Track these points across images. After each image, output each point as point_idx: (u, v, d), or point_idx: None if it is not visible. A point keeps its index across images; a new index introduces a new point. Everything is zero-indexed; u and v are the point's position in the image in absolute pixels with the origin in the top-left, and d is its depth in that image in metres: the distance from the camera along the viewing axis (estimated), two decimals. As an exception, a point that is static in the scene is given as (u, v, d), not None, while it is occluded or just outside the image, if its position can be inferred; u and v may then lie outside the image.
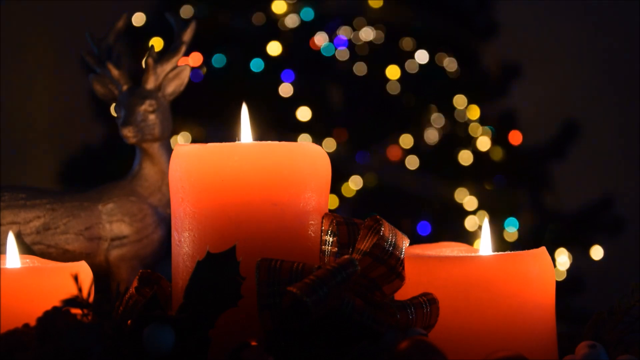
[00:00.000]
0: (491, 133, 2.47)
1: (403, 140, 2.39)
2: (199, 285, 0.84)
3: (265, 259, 0.85)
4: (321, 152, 0.95)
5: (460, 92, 2.43)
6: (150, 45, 1.15)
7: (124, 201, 1.14)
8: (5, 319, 0.86)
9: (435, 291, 0.89)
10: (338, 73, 2.39)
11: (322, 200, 0.94)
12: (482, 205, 2.38)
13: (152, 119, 1.14)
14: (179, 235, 0.93)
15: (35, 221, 1.10)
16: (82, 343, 0.78)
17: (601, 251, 2.49)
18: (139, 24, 2.38)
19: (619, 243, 2.58)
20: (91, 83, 1.17)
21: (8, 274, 0.88)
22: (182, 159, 0.93)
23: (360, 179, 2.34)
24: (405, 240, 0.91)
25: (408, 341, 0.80)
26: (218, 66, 2.32)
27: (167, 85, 1.15)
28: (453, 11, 2.52)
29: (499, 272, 0.89)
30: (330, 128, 2.34)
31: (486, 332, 0.88)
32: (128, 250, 1.13)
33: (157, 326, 0.82)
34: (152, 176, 1.16)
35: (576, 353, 0.89)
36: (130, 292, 0.90)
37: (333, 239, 0.92)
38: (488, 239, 0.96)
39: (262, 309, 0.84)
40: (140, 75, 1.15)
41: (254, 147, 0.93)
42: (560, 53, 3.13)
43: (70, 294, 0.80)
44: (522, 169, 2.51)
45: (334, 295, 0.82)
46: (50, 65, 2.97)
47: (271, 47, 2.32)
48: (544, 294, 0.91)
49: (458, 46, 2.49)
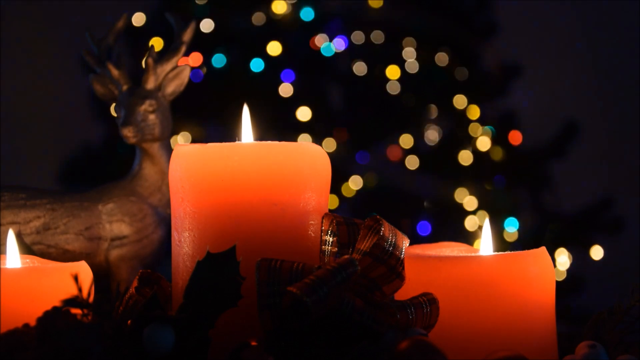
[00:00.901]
0: (491, 133, 2.47)
1: (403, 140, 2.39)
2: (199, 285, 0.84)
3: (265, 259, 0.85)
4: (321, 152, 0.95)
5: (460, 92, 2.43)
6: (150, 45, 1.15)
7: (124, 201, 1.14)
8: (5, 319, 0.86)
9: (435, 291, 0.89)
10: (338, 73, 2.39)
11: (322, 200, 0.94)
12: (482, 205, 2.38)
13: (152, 119, 1.14)
14: (179, 235, 0.93)
15: (35, 221, 1.10)
16: (82, 343, 0.78)
17: (601, 251, 2.49)
18: (139, 24, 2.38)
19: (619, 243, 2.58)
20: (91, 83, 1.17)
21: (8, 274, 0.88)
22: (182, 159, 0.93)
23: (360, 179, 2.34)
24: (405, 240, 0.91)
25: (408, 341, 0.80)
26: (218, 66, 2.32)
27: (167, 85, 1.15)
28: (453, 11, 2.51)
29: (499, 272, 0.89)
30: (330, 128, 2.34)
31: (486, 332, 0.88)
32: (128, 250, 1.13)
33: (157, 326, 0.82)
34: (152, 176, 1.16)
35: (576, 353, 0.89)
36: (130, 292, 0.90)
37: (333, 239, 0.92)
38: (489, 239, 0.96)
39: (262, 309, 0.84)
40: (140, 75, 1.15)
41: (254, 147, 0.93)
42: (560, 53, 3.13)
43: (70, 294, 0.80)
44: (522, 169, 2.51)
45: (334, 295, 0.82)
46: (50, 65, 2.97)
47: (271, 47, 2.32)
48: (544, 294, 0.91)
49: (458, 46, 2.49)
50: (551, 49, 3.13)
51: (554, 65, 3.11)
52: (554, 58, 3.12)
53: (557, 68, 3.11)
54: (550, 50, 3.12)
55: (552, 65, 3.11)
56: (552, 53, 3.12)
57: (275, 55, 2.32)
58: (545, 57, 3.10)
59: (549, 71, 3.08)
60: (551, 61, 3.11)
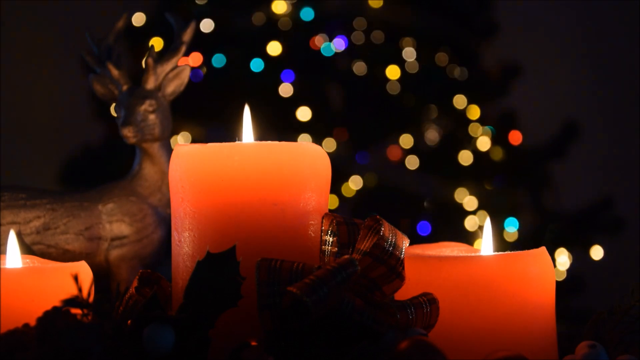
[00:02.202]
0: (491, 133, 2.47)
1: (403, 140, 2.39)
2: (199, 285, 0.84)
3: (265, 259, 0.85)
4: (321, 152, 0.95)
5: (460, 92, 2.43)
6: (150, 45, 1.15)
7: (124, 201, 1.14)
8: (5, 319, 0.86)
9: (435, 291, 0.89)
10: (338, 73, 2.39)
11: (322, 200, 0.94)
12: (482, 205, 2.38)
13: (152, 119, 1.14)
14: (179, 235, 0.93)
15: (35, 221, 1.10)
16: (82, 343, 0.78)
17: (601, 251, 2.49)
18: (139, 24, 2.38)
19: (619, 243, 2.58)
20: (91, 83, 1.17)
21: (8, 274, 0.88)
22: (182, 159, 0.93)
23: (360, 179, 2.34)
24: (405, 240, 0.91)
25: (408, 341, 0.80)
26: (218, 66, 2.32)
27: (167, 85, 1.15)
28: (453, 11, 2.52)
29: (499, 272, 0.89)
30: (330, 128, 2.34)
31: (486, 332, 0.88)
32: (128, 250, 1.13)
33: (157, 326, 0.82)
34: (152, 176, 1.16)
35: (576, 353, 0.89)
36: (130, 292, 0.90)
37: (333, 239, 0.92)
38: (489, 239, 0.96)
39: (262, 309, 0.84)
40: (140, 75, 1.15)
41: (254, 147, 0.93)
42: (560, 53, 3.13)
43: (70, 294, 0.80)
44: (522, 169, 2.51)
45: (334, 295, 0.82)
46: (50, 65, 2.97)
47: (271, 47, 2.32)
48: (544, 294, 0.91)
49: (458, 46, 2.49)
50: (551, 49, 3.13)
51: (554, 65, 3.11)
52: (554, 58, 3.13)
53: (557, 68, 3.11)
54: (550, 50, 3.12)
55: (552, 65, 3.11)
56: (552, 53, 3.12)
57: (275, 55, 2.32)
58: (545, 57, 3.10)
59: (549, 71, 3.08)
60: (551, 61, 3.12)
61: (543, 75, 3.04)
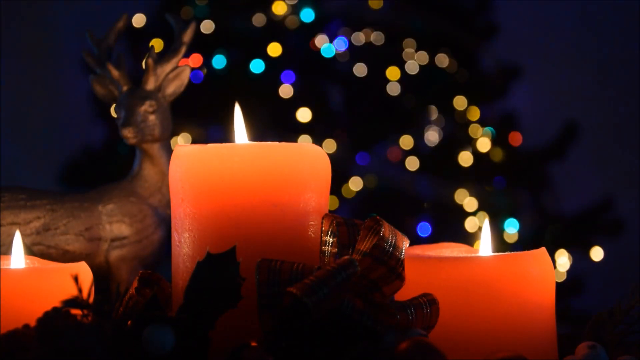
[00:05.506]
0: (491, 134, 2.47)
1: (403, 141, 2.39)
2: (199, 286, 0.84)
3: (265, 260, 0.85)
4: (321, 153, 0.95)
5: (460, 93, 2.44)
6: (150, 46, 1.15)
7: (124, 202, 1.14)
8: (5, 320, 0.86)
9: (435, 292, 0.89)
10: (338, 74, 2.39)
11: (322, 201, 0.94)
12: (482, 206, 2.38)
13: (152, 119, 1.14)
14: (179, 236, 0.93)
15: (35, 222, 1.10)
16: (82, 343, 0.78)
17: (601, 252, 2.49)
18: (139, 25, 2.38)
19: (619, 244, 2.58)
20: (91, 84, 1.17)
21: (8, 274, 0.88)
22: (182, 160, 0.93)
23: (360, 180, 2.34)
24: (405, 241, 0.91)
25: (408, 342, 0.80)
26: (218, 67, 2.32)
27: (167, 86, 1.15)
28: (453, 12, 2.52)
29: (499, 272, 0.89)
30: (330, 129, 2.34)
31: (486, 333, 0.88)
32: (128, 251, 1.13)
33: (157, 327, 0.82)
34: (152, 177, 1.16)
35: (576, 354, 0.89)
36: (130, 292, 0.90)
37: (333, 239, 0.92)
38: (488, 239, 0.96)
39: (262, 309, 0.84)
40: (140, 76, 1.15)
41: (254, 148, 0.93)
42: (560, 53, 3.13)
43: (70, 295, 0.80)
44: (522, 170, 2.52)
45: (334, 296, 0.82)
46: (50, 65, 2.97)
47: (271, 48, 2.32)
48: (544, 295, 0.91)
49: (458, 47, 2.50)
50: (551, 51, 3.13)
51: (554, 67, 3.11)
52: (554, 59, 3.13)
53: (557, 69, 3.11)
54: (550, 51, 3.12)
55: (552, 67, 3.11)
56: (551, 54, 3.12)
57: (275, 56, 2.32)
58: (545, 59, 3.10)
59: (549, 72, 3.08)
60: (551, 62, 3.12)
61: (543, 76, 3.04)
